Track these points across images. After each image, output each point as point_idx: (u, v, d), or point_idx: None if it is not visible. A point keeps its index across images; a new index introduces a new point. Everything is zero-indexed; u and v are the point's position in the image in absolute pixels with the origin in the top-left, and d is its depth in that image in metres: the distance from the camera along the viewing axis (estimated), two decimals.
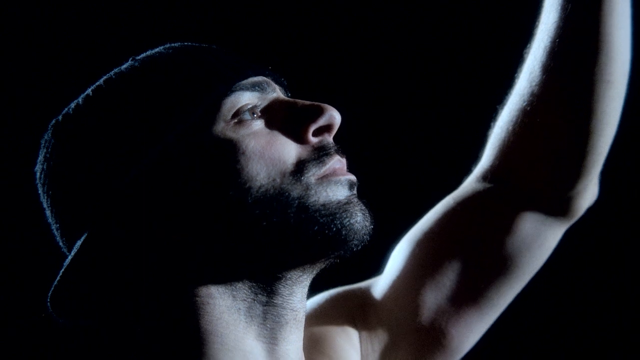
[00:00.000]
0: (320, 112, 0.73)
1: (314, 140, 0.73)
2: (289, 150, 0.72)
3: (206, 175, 0.70)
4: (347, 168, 0.75)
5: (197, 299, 0.71)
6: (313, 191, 0.70)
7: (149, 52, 0.78)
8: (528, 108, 0.84)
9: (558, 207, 0.88)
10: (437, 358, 0.89)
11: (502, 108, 0.90)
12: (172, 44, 0.79)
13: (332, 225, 0.69)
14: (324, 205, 0.70)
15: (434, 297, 0.88)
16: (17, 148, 2.10)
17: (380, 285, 0.93)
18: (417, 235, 0.92)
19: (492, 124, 0.91)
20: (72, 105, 0.78)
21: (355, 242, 0.71)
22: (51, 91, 2.10)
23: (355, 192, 0.73)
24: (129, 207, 0.72)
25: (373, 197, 0.78)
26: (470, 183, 0.92)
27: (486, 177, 0.90)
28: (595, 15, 0.79)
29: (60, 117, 0.77)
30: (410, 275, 0.90)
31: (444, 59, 1.88)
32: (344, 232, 0.70)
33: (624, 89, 0.84)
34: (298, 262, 0.72)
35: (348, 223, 0.70)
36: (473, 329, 0.90)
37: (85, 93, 0.77)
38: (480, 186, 0.90)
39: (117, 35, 2.10)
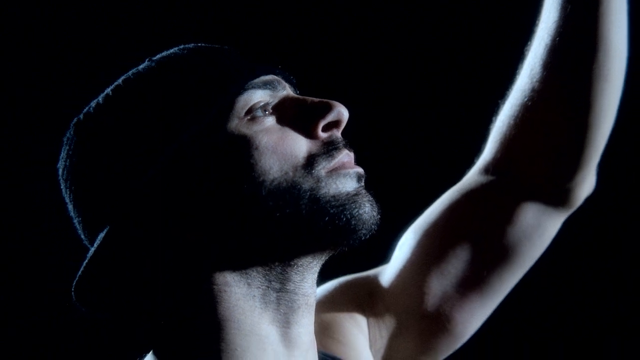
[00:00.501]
0: (329, 108, 0.77)
1: (323, 135, 0.77)
2: (300, 145, 0.75)
3: (221, 170, 0.74)
4: (355, 161, 0.79)
5: (214, 287, 0.75)
6: (323, 183, 0.74)
7: (164, 53, 0.81)
8: (529, 103, 0.88)
9: (557, 197, 0.92)
10: (442, 343, 0.93)
11: (503, 103, 0.93)
12: (187, 45, 0.81)
13: (342, 216, 0.73)
14: (334, 196, 0.74)
15: (439, 284, 0.92)
16: (18, 148, 2.14)
17: (387, 273, 0.96)
18: (423, 226, 0.95)
19: (494, 118, 0.95)
20: (93, 104, 0.80)
21: (364, 231, 0.75)
22: (51, 90, 2.14)
23: (363, 184, 0.77)
24: (146, 204, 0.74)
25: (380, 187, 0.81)
26: (473, 175, 0.96)
27: (488, 169, 0.94)
28: (594, 14, 0.83)
29: (81, 116, 0.80)
30: (416, 264, 0.93)
31: (444, 58, 1.91)
32: (353, 222, 0.74)
33: (621, 85, 0.87)
34: (309, 251, 0.75)
35: (357, 213, 0.74)
36: (476, 315, 0.94)
37: (105, 92, 0.80)
38: (482, 178, 0.94)
39: (117, 35, 2.13)
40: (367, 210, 0.74)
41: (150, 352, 0.79)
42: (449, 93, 1.94)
